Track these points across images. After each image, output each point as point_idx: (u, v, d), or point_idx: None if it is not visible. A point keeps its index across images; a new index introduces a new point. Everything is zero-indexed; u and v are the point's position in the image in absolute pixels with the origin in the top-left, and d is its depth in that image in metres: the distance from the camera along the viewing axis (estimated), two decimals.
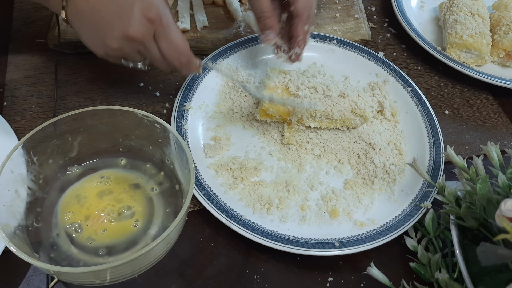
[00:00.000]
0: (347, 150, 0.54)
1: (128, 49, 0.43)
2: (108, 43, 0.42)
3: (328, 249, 0.44)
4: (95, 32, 0.42)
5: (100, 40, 0.43)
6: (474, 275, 0.39)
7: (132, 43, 0.43)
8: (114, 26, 0.41)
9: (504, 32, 0.67)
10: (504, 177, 0.43)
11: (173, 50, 0.44)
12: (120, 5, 0.40)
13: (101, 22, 0.41)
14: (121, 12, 0.40)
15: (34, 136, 0.39)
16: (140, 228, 0.40)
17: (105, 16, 0.41)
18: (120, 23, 0.41)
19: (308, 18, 0.51)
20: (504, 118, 0.64)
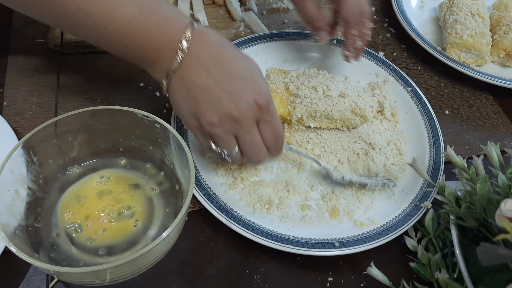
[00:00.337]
0: (347, 150, 0.54)
1: (226, 128, 0.41)
2: (208, 117, 0.40)
3: (328, 249, 0.44)
4: (197, 104, 0.41)
5: (200, 113, 0.41)
6: (474, 275, 0.39)
7: (233, 123, 0.41)
8: (222, 103, 0.40)
9: (504, 32, 0.67)
10: (504, 177, 0.43)
11: (275, 135, 0.44)
12: (233, 86, 0.40)
13: (207, 98, 0.40)
14: (233, 93, 0.40)
15: (34, 136, 0.39)
16: (140, 228, 0.40)
17: (214, 93, 0.40)
18: (228, 103, 0.40)
19: (358, 23, 0.52)
20: (504, 118, 0.64)
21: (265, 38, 0.63)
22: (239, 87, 0.40)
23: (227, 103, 0.40)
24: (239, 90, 0.40)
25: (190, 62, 0.40)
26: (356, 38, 0.53)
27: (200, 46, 0.40)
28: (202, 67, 0.40)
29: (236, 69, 0.41)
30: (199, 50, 0.40)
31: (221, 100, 0.40)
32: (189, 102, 0.41)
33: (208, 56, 0.40)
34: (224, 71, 0.40)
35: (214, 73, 0.40)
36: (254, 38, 0.63)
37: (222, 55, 0.41)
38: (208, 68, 0.40)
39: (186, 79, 0.40)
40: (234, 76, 0.40)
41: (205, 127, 0.42)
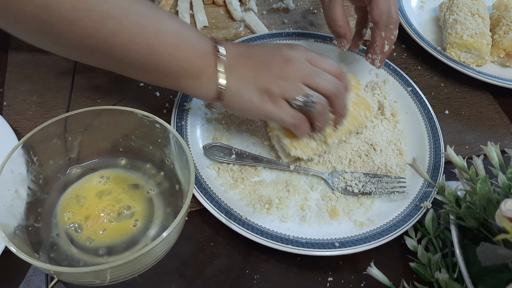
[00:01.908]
0: (349, 152, 0.54)
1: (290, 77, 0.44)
2: (270, 86, 0.44)
3: (328, 249, 0.44)
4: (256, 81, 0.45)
5: (262, 85, 0.44)
6: (474, 275, 0.39)
7: (292, 68, 0.45)
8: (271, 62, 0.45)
9: (504, 32, 0.67)
10: (504, 177, 0.43)
11: (330, 63, 0.47)
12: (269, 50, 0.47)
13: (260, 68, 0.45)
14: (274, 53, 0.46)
15: (34, 136, 0.39)
16: (140, 228, 0.40)
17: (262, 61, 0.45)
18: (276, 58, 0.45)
19: (386, 26, 0.52)
20: (504, 118, 0.64)
21: (265, 38, 0.63)
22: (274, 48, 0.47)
23: (275, 60, 0.45)
24: (276, 49, 0.46)
25: (230, 58, 0.45)
26: (385, 41, 0.53)
27: (231, 46, 0.47)
28: (242, 56, 0.46)
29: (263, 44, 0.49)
30: (233, 48, 0.46)
31: (270, 61, 0.45)
32: (249, 88, 0.45)
33: (240, 47, 0.47)
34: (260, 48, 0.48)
35: (253, 52, 0.46)
36: (254, 38, 0.63)
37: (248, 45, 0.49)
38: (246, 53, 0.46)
39: (234, 71, 0.45)
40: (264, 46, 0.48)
41: (276, 92, 0.44)
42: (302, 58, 0.46)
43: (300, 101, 0.44)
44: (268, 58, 0.46)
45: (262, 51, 0.47)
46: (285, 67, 0.45)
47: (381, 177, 0.51)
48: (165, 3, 0.69)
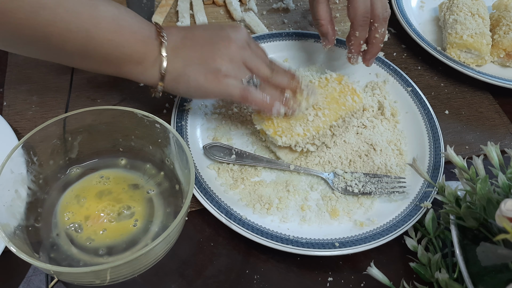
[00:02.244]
0: (348, 151, 0.54)
1: (235, 61, 0.46)
2: (217, 64, 0.45)
3: (328, 249, 0.44)
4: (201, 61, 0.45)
5: (208, 63, 0.45)
6: (474, 275, 0.39)
7: (238, 51, 0.46)
8: (218, 43, 0.46)
9: (504, 32, 0.67)
10: (504, 177, 0.43)
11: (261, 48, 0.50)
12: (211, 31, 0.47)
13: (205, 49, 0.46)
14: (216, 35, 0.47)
15: (34, 136, 0.39)
16: (140, 228, 0.40)
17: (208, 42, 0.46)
18: (220, 39, 0.46)
19: (361, 26, 0.52)
20: (504, 118, 0.64)
21: (265, 38, 0.63)
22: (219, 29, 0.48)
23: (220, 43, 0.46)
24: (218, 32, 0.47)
25: (174, 42, 0.45)
26: (361, 41, 0.53)
27: (174, 29, 0.47)
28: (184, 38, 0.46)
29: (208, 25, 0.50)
30: (176, 31, 0.47)
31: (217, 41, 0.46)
32: (194, 68, 0.45)
33: (183, 30, 0.47)
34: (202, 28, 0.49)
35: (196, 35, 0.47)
36: (254, 38, 0.63)
37: (191, 27, 0.50)
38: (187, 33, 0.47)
39: (178, 53, 0.45)
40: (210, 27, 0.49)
41: (222, 69, 0.45)
42: (243, 41, 0.47)
43: (246, 81, 0.46)
44: (214, 38, 0.46)
45: (206, 32, 0.47)
46: (230, 47, 0.46)
47: (381, 177, 0.51)
48: (165, 3, 0.69)
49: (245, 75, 0.47)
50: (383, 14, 0.52)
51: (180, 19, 0.68)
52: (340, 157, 0.53)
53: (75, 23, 0.40)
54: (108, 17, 0.42)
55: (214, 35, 0.47)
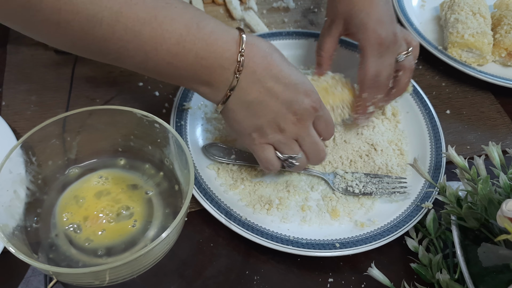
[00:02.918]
0: (349, 151, 0.54)
1: (288, 135, 0.43)
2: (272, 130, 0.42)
3: (329, 250, 0.44)
4: (259, 120, 0.42)
5: (262, 127, 0.42)
6: (475, 276, 0.39)
7: (294, 128, 0.42)
8: (283, 114, 0.42)
9: (506, 32, 0.67)
10: (505, 177, 0.42)
11: (328, 125, 0.46)
12: (290, 95, 0.41)
13: (269, 112, 0.42)
14: (292, 102, 0.41)
15: (33, 136, 0.39)
16: (139, 228, 0.40)
17: (275, 106, 0.41)
18: (288, 112, 0.42)
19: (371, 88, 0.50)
20: (506, 118, 0.64)
21: (265, 37, 0.63)
22: (295, 95, 0.42)
23: (287, 113, 0.42)
24: (295, 97, 0.42)
25: (247, 81, 0.40)
26: (368, 102, 0.51)
27: (254, 61, 0.40)
28: (260, 84, 0.41)
29: (289, 77, 0.41)
30: (254, 65, 0.40)
31: (282, 112, 0.42)
32: (250, 119, 0.42)
33: (263, 70, 0.40)
34: (280, 82, 0.41)
35: (272, 86, 0.41)
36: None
37: (275, 65, 0.41)
38: (266, 83, 0.41)
39: (245, 99, 0.41)
40: (289, 85, 0.41)
41: (270, 139, 0.43)
42: (309, 119, 0.43)
43: (285, 157, 0.44)
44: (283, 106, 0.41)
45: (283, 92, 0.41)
46: (291, 122, 0.42)
47: (382, 177, 0.51)
48: None
49: (289, 153, 0.44)
50: (385, 83, 0.50)
51: None
52: (341, 157, 0.53)
53: (133, 43, 0.37)
54: (171, 39, 0.37)
55: (289, 99, 0.41)
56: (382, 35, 0.48)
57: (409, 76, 0.52)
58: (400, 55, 0.50)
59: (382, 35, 0.48)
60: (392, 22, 0.49)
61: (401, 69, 0.51)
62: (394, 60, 0.50)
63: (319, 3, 0.75)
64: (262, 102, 0.41)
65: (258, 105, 0.41)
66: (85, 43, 0.37)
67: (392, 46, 0.49)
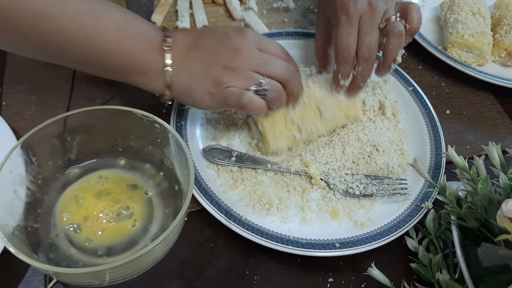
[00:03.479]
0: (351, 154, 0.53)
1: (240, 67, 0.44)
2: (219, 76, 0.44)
3: (329, 250, 0.44)
4: (204, 75, 0.44)
5: (211, 77, 0.44)
6: (475, 276, 0.39)
7: (242, 58, 0.44)
8: (221, 53, 0.44)
9: (505, 32, 0.67)
10: (505, 177, 0.42)
11: (276, 46, 0.47)
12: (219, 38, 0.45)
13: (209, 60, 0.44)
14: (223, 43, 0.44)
15: (33, 136, 0.39)
16: (139, 228, 0.40)
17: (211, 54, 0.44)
18: (226, 49, 0.44)
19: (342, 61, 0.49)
20: (506, 118, 0.64)
21: None
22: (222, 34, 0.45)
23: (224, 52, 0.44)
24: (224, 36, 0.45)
25: (179, 52, 0.44)
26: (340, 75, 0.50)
27: (177, 35, 0.45)
28: (189, 48, 0.44)
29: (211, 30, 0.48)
30: (178, 39, 0.44)
31: (220, 52, 0.44)
32: (198, 82, 0.44)
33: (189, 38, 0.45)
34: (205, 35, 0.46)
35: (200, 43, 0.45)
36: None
37: (198, 32, 0.46)
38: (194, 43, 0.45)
39: (183, 66, 0.44)
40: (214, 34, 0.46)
41: (227, 82, 0.44)
42: (251, 46, 0.45)
43: (252, 90, 0.44)
44: (218, 49, 0.44)
45: (211, 41, 0.45)
46: (235, 58, 0.44)
47: (382, 178, 0.51)
48: (164, 2, 0.69)
49: (251, 83, 0.44)
50: (365, 53, 0.48)
51: (180, 18, 0.68)
52: (342, 158, 0.53)
53: (77, 33, 0.39)
54: (111, 27, 0.41)
55: (218, 45, 0.44)
56: (348, 5, 0.47)
57: (395, 43, 0.48)
58: (382, 22, 0.48)
59: (348, 5, 0.47)
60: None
61: (384, 35, 0.49)
62: (376, 31, 0.48)
63: None
64: (198, 58, 0.44)
65: (196, 64, 0.44)
66: (31, 38, 0.39)
67: (367, 17, 0.47)
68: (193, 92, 0.45)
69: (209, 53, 0.44)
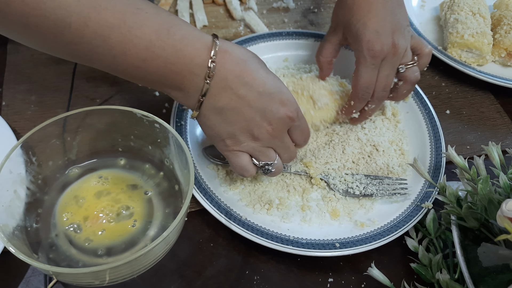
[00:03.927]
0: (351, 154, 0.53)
1: (264, 143, 0.42)
2: (245, 138, 0.42)
3: (329, 250, 0.44)
4: (232, 127, 0.41)
5: (236, 135, 0.42)
6: (475, 276, 0.39)
7: (269, 138, 0.42)
8: (257, 122, 0.41)
9: (505, 32, 0.67)
10: (505, 177, 0.42)
11: (304, 135, 0.45)
12: (264, 103, 0.41)
13: (242, 119, 0.41)
14: (265, 110, 0.41)
15: (33, 136, 0.39)
16: (139, 228, 0.40)
17: (247, 114, 0.40)
18: (262, 120, 0.41)
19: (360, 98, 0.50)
20: (506, 118, 0.64)
21: (265, 38, 0.63)
22: (269, 103, 0.41)
23: (261, 122, 0.41)
24: (270, 106, 0.41)
25: (218, 87, 0.39)
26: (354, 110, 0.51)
27: (226, 68, 0.39)
28: (231, 91, 0.40)
29: (263, 85, 0.40)
30: (225, 72, 0.39)
31: (256, 120, 0.41)
32: (223, 125, 0.41)
33: (235, 77, 0.39)
34: (253, 90, 0.40)
35: (244, 93, 0.40)
36: (254, 38, 0.62)
37: (248, 73, 0.40)
38: (237, 90, 0.40)
39: (216, 105, 0.40)
40: (263, 93, 0.40)
41: (243, 147, 0.42)
42: (284, 129, 0.43)
43: (261, 164, 0.44)
44: (256, 114, 0.41)
45: (257, 99, 0.40)
46: (265, 131, 0.41)
47: (382, 178, 0.51)
48: (164, 2, 0.69)
49: (265, 160, 0.43)
50: (380, 93, 0.50)
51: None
52: (342, 158, 0.53)
53: (101, 48, 0.36)
54: (140, 44, 0.37)
55: (263, 107, 0.40)
56: (376, 48, 0.47)
57: (409, 88, 0.51)
58: (402, 66, 0.50)
59: (376, 47, 0.47)
60: (393, 33, 0.48)
61: (402, 79, 0.51)
62: (394, 71, 0.49)
63: (319, 3, 0.75)
64: (234, 108, 0.40)
65: (230, 111, 0.40)
66: (54, 45, 0.37)
67: (390, 57, 0.48)
68: (210, 130, 0.42)
69: (244, 108, 0.40)
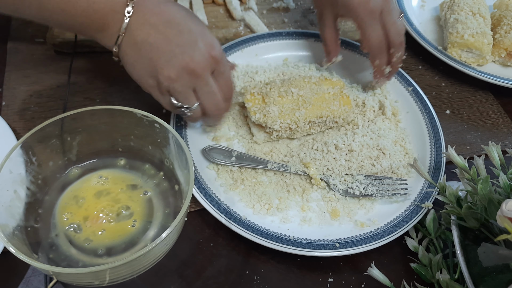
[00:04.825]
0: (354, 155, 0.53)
1: (184, 82, 0.42)
2: (165, 73, 0.41)
3: (329, 250, 0.44)
4: (152, 62, 0.41)
5: (156, 70, 0.42)
6: (475, 276, 0.39)
7: (190, 76, 0.42)
8: (176, 57, 0.41)
9: (505, 32, 0.67)
10: (505, 177, 0.42)
11: (228, 85, 0.46)
12: (184, 40, 0.41)
13: (161, 54, 0.41)
14: (185, 47, 0.41)
15: (33, 136, 0.39)
16: (139, 228, 0.40)
17: (167, 49, 0.41)
18: (183, 56, 0.41)
19: (380, 54, 0.52)
20: (506, 118, 0.64)
21: (265, 38, 0.63)
22: (191, 41, 0.41)
23: (181, 56, 0.41)
24: (191, 43, 0.41)
25: (137, 23, 0.40)
26: (383, 66, 0.54)
27: (145, 6, 0.40)
28: (150, 26, 0.40)
29: (184, 24, 0.41)
30: (145, 10, 0.40)
31: (176, 54, 0.41)
32: (143, 62, 0.42)
33: (154, 14, 0.41)
34: (173, 27, 0.41)
35: (163, 30, 0.41)
36: (254, 38, 0.62)
37: (168, 12, 0.41)
38: (156, 26, 0.40)
39: (136, 40, 0.41)
40: (184, 31, 0.41)
41: (163, 84, 0.42)
42: (207, 69, 0.43)
43: (178, 104, 0.44)
44: (179, 46, 0.41)
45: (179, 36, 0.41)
46: (185, 67, 0.41)
47: (382, 179, 0.51)
48: None
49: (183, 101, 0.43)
50: (398, 39, 0.52)
51: None
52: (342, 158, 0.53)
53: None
54: None
55: (183, 43, 0.41)
56: (370, 4, 0.48)
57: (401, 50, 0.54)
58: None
59: (370, 4, 0.48)
60: None
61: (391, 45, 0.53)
62: (397, 16, 0.51)
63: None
64: (153, 43, 0.41)
65: (149, 46, 0.41)
66: None
67: (387, 7, 0.49)
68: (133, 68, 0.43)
69: (170, 43, 0.41)
